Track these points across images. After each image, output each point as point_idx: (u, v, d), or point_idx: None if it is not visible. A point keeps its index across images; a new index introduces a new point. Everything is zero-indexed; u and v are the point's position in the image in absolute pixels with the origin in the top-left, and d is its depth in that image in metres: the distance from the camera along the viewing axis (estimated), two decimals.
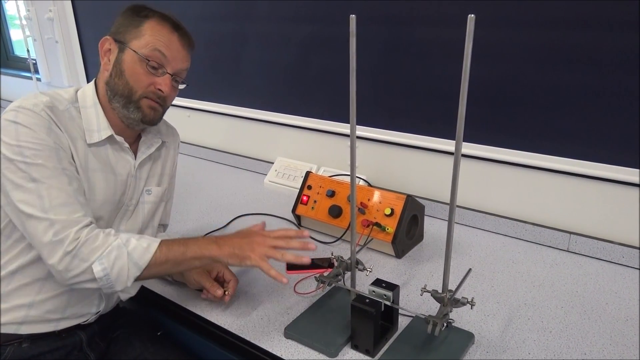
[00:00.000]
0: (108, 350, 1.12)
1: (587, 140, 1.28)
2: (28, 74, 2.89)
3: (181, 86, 1.07)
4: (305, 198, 1.45)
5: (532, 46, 1.29)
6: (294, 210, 1.46)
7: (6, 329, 0.97)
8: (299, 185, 1.51)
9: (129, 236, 0.93)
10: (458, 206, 1.49)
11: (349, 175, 0.97)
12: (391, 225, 1.27)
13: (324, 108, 1.75)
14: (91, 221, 0.92)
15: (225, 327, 1.02)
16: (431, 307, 1.07)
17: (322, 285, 1.02)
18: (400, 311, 1.01)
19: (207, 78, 2.05)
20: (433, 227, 1.47)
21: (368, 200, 1.33)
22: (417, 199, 1.35)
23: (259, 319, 1.04)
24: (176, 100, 1.09)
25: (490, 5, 1.31)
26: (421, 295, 1.03)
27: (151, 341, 1.11)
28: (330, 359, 0.93)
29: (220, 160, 2.12)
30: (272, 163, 1.90)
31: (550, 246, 1.37)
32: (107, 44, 1.02)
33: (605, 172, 1.27)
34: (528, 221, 1.41)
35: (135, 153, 1.09)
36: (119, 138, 1.03)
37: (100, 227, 1.01)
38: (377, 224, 1.28)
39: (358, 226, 1.29)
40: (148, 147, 1.11)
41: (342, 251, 1.33)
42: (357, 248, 1.30)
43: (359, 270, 1.03)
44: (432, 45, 1.44)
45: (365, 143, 1.66)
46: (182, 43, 1.02)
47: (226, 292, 1.06)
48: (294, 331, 0.98)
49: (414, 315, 1.02)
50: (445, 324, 0.90)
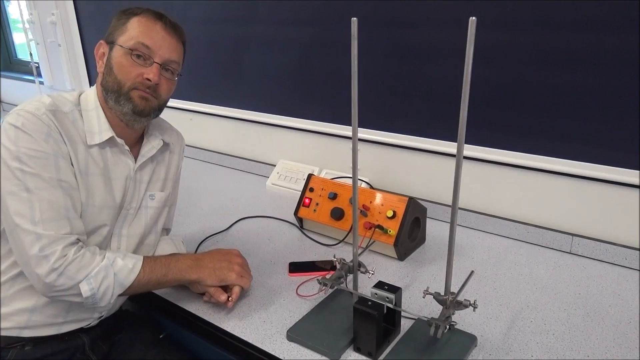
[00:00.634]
0: (110, 352, 1.12)
1: (589, 142, 1.28)
2: (31, 78, 2.91)
3: (175, 77, 1.06)
4: (307, 200, 1.45)
5: (534, 48, 1.29)
6: (296, 212, 1.47)
7: (9, 333, 0.98)
8: (301, 187, 1.51)
9: (115, 256, 0.96)
10: (460, 208, 1.49)
11: (351, 177, 0.97)
12: (393, 227, 1.27)
13: (326, 110, 1.75)
14: (78, 239, 0.94)
15: (227, 330, 1.02)
16: (434, 310, 1.07)
17: (325, 287, 1.02)
18: (402, 314, 1.01)
19: (210, 81, 2.05)
20: (435, 230, 1.47)
21: (370, 202, 1.33)
22: (419, 201, 1.35)
23: (262, 322, 1.04)
24: (179, 103, 1.09)
25: (491, 7, 1.31)
26: (423, 297, 1.03)
27: (153, 344, 1.11)
28: None
29: (222, 162, 2.12)
30: (275, 166, 1.91)
31: (552, 248, 1.37)
32: (101, 48, 1.04)
33: (607, 174, 1.26)
34: (530, 223, 1.40)
35: (136, 156, 1.09)
36: (120, 140, 1.03)
37: (101, 234, 1.03)
38: (379, 227, 1.28)
39: (360, 229, 1.29)
40: (149, 150, 1.11)
41: (344, 254, 1.33)
42: (359, 250, 1.30)
43: (361, 272, 1.03)
44: (434, 47, 1.44)
45: (367, 145, 1.66)
46: (167, 31, 1.02)
47: (229, 298, 1.06)
48: (297, 334, 0.98)
49: (417, 317, 1.01)
50: (447, 327, 0.89)
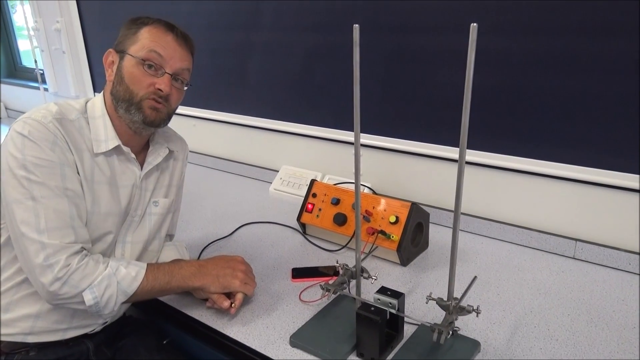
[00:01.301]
0: (114, 358, 1.12)
1: (592, 146, 1.27)
2: (35, 84, 2.92)
3: (185, 87, 1.07)
4: (310, 206, 1.45)
5: (536, 53, 1.29)
6: (299, 218, 1.47)
7: (13, 338, 0.98)
8: (304, 193, 1.51)
9: (118, 264, 0.96)
10: (463, 214, 1.49)
11: (354, 183, 0.98)
12: (396, 233, 1.27)
13: (329, 116, 1.76)
14: (83, 247, 0.94)
15: (230, 336, 1.02)
16: (437, 315, 1.06)
17: (327, 293, 1.02)
18: (405, 319, 1.01)
19: (213, 87, 2.06)
20: (438, 235, 1.47)
21: (373, 208, 1.33)
22: (422, 207, 1.35)
23: (265, 328, 1.04)
24: (182, 109, 1.10)
25: (493, 13, 1.32)
26: (426, 303, 1.03)
27: (157, 349, 1.12)
28: None
29: (225, 168, 2.13)
30: (277, 171, 1.91)
31: (556, 253, 1.37)
32: (110, 57, 1.04)
33: (610, 179, 1.26)
34: (534, 228, 1.40)
35: (142, 164, 1.09)
36: (126, 148, 1.04)
37: (106, 241, 1.03)
38: (382, 232, 1.28)
39: (363, 234, 1.29)
40: (155, 158, 1.11)
41: (347, 259, 1.33)
42: (362, 256, 1.30)
43: (364, 278, 1.03)
44: (436, 53, 1.45)
45: (369, 151, 1.66)
46: (178, 42, 1.03)
47: (232, 304, 1.06)
48: (300, 339, 0.98)
49: (420, 323, 1.01)
50: (450, 332, 0.89)
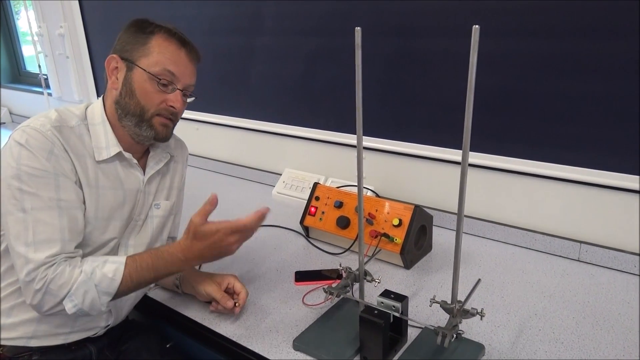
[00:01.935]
0: None
1: (597, 148, 1.27)
2: (39, 89, 2.94)
3: (190, 99, 1.08)
4: (313, 209, 1.45)
5: (538, 55, 1.29)
6: (302, 221, 1.47)
7: (16, 343, 0.98)
8: (307, 196, 1.51)
9: (93, 267, 0.92)
10: (467, 216, 1.49)
11: (357, 186, 0.97)
12: (399, 235, 1.27)
13: (331, 119, 1.76)
14: (66, 257, 0.91)
15: (233, 339, 1.02)
16: (440, 318, 1.06)
17: (331, 296, 1.01)
18: (409, 322, 1.00)
19: (215, 91, 2.07)
20: (442, 238, 1.46)
21: (376, 210, 1.33)
22: (426, 209, 1.35)
23: (268, 331, 1.04)
24: (185, 113, 1.10)
25: (494, 15, 1.32)
26: (430, 306, 1.02)
27: (160, 353, 1.12)
28: None
29: (228, 172, 2.13)
30: (280, 175, 1.91)
31: (560, 256, 1.36)
32: (114, 62, 1.01)
33: (615, 181, 1.26)
34: (538, 231, 1.40)
35: (143, 168, 1.09)
36: (128, 155, 1.04)
37: (110, 246, 1.03)
38: (385, 235, 1.28)
39: (366, 237, 1.29)
40: (157, 163, 1.11)
41: (351, 262, 1.33)
42: (366, 259, 1.30)
43: (368, 281, 1.03)
44: (438, 55, 1.45)
45: (372, 154, 1.66)
46: (190, 58, 1.03)
47: (236, 304, 1.06)
48: (303, 343, 0.98)
49: (423, 326, 1.01)
50: (454, 335, 0.89)
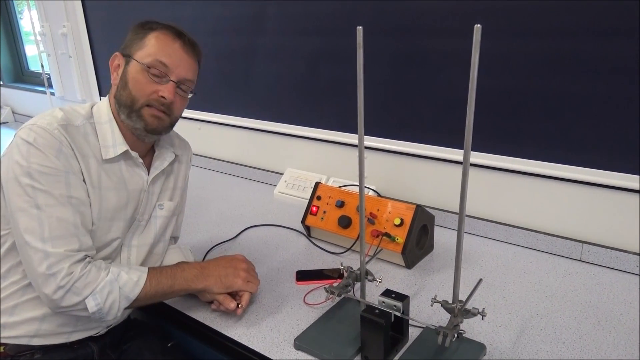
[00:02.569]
0: None
1: (600, 148, 1.27)
2: (42, 89, 2.95)
3: (189, 95, 1.07)
4: (314, 209, 1.45)
5: (541, 55, 1.28)
6: (304, 220, 1.47)
7: (18, 341, 0.98)
8: (309, 196, 1.51)
9: (119, 270, 0.96)
10: (469, 216, 1.49)
11: (358, 185, 0.97)
12: (401, 235, 1.27)
13: (333, 119, 1.76)
14: (86, 255, 0.94)
15: (235, 338, 1.02)
16: (442, 318, 1.06)
17: (332, 296, 1.01)
18: (410, 322, 1.00)
19: (218, 91, 2.07)
20: (443, 237, 1.46)
21: (377, 210, 1.33)
22: (427, 209, 1.34)
23: (269, 330, 1.04)
24: (187, 112, 1.10)
25: (497, 15, 1.32)
26: (431, 306, 1.02)
27: (162, 352, 1.12)
28: None
29: (230, 171, 2.13)
30: (282, 174, 1.91)
31: (562, 256, 1.36)
32: (117, 60, 1.04)
33: (617, 181, 1.25)
34: (540, 230, 1.39)
35: (148, 168, 1.09)
36: (134, 153, 1.04)
37: (113, 246, 1.03)
38: (387, 234, 1.28)
39: (367, 236, 1.29)
40: (161, 162, 1.11)
41: (352, 262, 1.33)
42: (367, 258, 1.29)
43: (369, 280, 1.03)
44: (440, 55, 1.44)
45: (374, 153, 1.66)
46: (185, 50, 1.02)
47: (239, 305, 1.06)
48: (304, 342, 0.98)
49: (425, 326, 1.01)
50: (456, 335, 0.89)
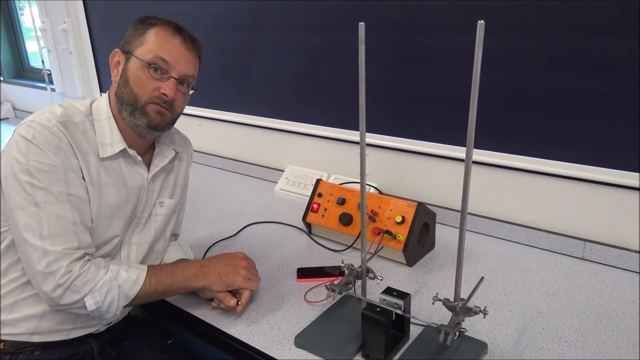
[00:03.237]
0: (119, 358, 1.12)
1: (602, 146, 1.26)
2: (43, 85, 2.94)
3: (190, 91, 1.06)
4: (315, 206, 1.45)
5: (543, 52, 1.27)
6: (305, 218, 1.46)
7: (18, 338, 0.98)
8: (310, 193, 1.50)
9: (119, 268, 0.96)
10: (470, 214, 1.48)
11: (360, 182, 0.97)
12: (402, 233, 1.26)
13: (335, 116, 1.75)
14: (85, 253, 0.94)
15: (235, 336, 1.01)
16: (443, 316, 1.05)
17: (333, 293, 1.01)
18: (411, 320, 1.00)
19: (218, 87, 2.06)
20: (445, 235, 1.45)
21: (379, 207, 1.32)
22: (429, 207, 1.34)
23: (269, 328, 1.04)
24: (187, 109, 1.10)
25: (499, 11, 1.31)
26: (433, 304, 1.02)
27: (162, 350, 1.11)
28: None
29: (230, 168, 2.13)
30: (283, 171, 1.91)
31: (564, 254, 1.35)
32: (117, 57, 1.03)
33: (619, 179, 1.25)
34: (542, 228, 1.39)
35: (148, 165, 1.09)
36: (132, 151, 1.03)
37: (113, 243, 1.03)
38: (388, 232, 1.27)
39: (369, 234, 1.29)
40: (162, 160, 1.11)
41: (353, 259, 1.32)
42: (368, 256, 1.29)
43: (370, 278, 1.03)
44: (442, 52, 1.44)
45: (375, 150, 1.65)
46: (186, 46, 1.01)
47: (239, 302, 1.06)
48: (305, 340, 0.98)
49: (426, 324, 1.00)
50: (457, 333, 0.88)
